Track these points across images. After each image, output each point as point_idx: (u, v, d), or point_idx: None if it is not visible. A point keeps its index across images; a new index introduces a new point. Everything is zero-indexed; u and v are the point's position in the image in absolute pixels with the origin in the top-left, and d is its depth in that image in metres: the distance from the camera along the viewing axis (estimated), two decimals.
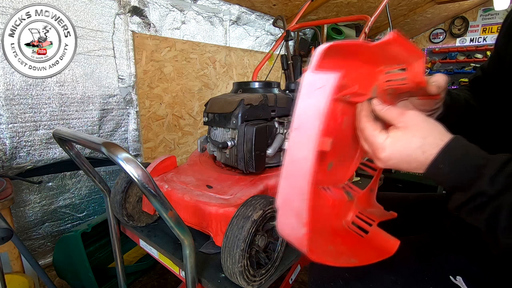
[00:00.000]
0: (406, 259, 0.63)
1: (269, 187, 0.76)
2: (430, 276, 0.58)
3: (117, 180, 0.83)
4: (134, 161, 0.48)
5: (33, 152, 1.39)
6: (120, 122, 1.68)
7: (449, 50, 4.32)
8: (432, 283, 0.57)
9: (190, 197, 0.71)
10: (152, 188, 0.48)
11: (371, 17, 1.07)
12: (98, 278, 1.23)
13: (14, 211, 1.38)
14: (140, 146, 1.80)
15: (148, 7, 1.73)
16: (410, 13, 3.41)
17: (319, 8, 2.59)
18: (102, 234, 1.44)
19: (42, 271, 0.94)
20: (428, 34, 4.44)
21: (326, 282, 0.66)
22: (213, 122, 0.83)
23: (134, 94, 1.70)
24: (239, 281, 0.59)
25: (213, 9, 2.11)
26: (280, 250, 0.68)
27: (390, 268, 0.63)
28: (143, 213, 0.87)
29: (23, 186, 1.40)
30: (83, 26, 1.44)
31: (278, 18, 1.86)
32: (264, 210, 0.60)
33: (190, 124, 2.11)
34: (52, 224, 1.53)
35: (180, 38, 1.94)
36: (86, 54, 1.47)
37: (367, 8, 2.86)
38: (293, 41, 2.96)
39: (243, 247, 0.57)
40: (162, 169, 0.85)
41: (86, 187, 1.61)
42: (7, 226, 0.62)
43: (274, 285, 0.74)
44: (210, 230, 0.68)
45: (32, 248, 1.48)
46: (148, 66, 1.78)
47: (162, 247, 0.78)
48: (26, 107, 1.33)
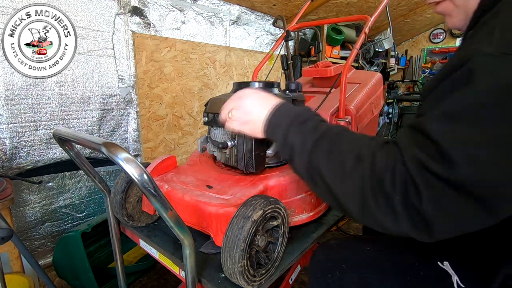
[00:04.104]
0: (398, 248, 0.68)
1: (269, 187, 0.76)
2: (420, 262, 0.63)
3: (117, 180, 0.83)
4: (134, 161, 0.48)
5: (33, 152, 1.39)
6: (120, 122, 1.68)
7: (449, 50, 4.31)
8: (422, 268, 0.62)
9: (190, 197, 0.71)
10: (152, 188, 0.48)
11: (371, 17, 1.07)
12: (98, 278, 1.23)
13: (14, 211, 1.38)
14: (140, 146, 1.80)
15: (148, 7, 1.73)
16: (410, 13, 3.41)
17: (319, 8, 2.59)
18: (102, 234, 1.44)
19: (42, 271, 0.94)
20: (428, 34, 4.44)
21: (324, 274, 0.70)
22: (213, 122, 0.83)
23: (134, 94, 1.70)
24: (239, 281, 0.59)
25: (213, 9, 2.11)
26: (280, 250, 0.68)
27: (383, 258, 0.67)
28: (143, 213, 0.87)
29: (23, 186, 1.40)
30: (83, 26, 1.44)
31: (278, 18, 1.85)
32: (264, 210, 0.60)
33: (190, 124, 2.11)
34: (52, 224, 1.53)
35: (180, 38, 1.94)
36: (86, 54, 1.47)
37: (367, 8, 2.86)
38: (293, 41, 2.96)
39: (243, 247, 0.57)
40: (162, 169, 0.85)
41: (86, 187, 1.61)
42: (7, 226, 0.62)
43: (274, 285, 0.74)
44: (210, 230, 0.68)
45: (32, 248, 1.48)
46: (148, 66, 1.78)
47: (162, 247, 0.78)
48: (26, 107, 1.33)
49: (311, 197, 0.83)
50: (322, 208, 0.89)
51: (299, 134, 0.53)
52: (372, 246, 0.71)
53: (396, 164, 0.42)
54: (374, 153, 0.45)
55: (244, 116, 0.61)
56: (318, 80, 1.26)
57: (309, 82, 1.34)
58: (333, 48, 2.99)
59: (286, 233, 0.70)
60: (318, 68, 1.17)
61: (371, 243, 0.73)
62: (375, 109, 1.20)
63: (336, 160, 0.47)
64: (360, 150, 0.46)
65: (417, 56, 4.56)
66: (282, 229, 0.68)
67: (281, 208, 0.66)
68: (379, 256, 0.68)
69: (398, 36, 4.36)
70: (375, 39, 3.75)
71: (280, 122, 0.56)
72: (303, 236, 0.83)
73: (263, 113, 0.58)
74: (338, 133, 0.51)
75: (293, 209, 0.80)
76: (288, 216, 0.69)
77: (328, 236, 0.85)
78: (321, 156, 0.49)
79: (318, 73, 1.17)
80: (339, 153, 0.47)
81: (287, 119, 0.55)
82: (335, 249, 0.74)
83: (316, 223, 0.89)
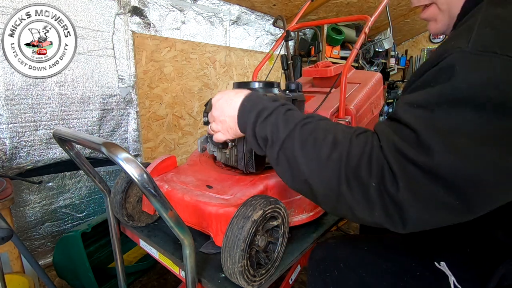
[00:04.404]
0: (395, 248, 0.69)
1: (269, 187, 0.76)
2: (417, 262, 0.64)
3: (117, 180, 0.83)
4: (134, 161, 0.48)
5: (33, 152, 1.39)
6: (120, 122, 1.68)
7: None
8: (419, 269, 0.62)
9: (190, 197, 0.71)
10: (152, 188, 0.48)
11: (371, 17, 1.07)
12: (98, 278, 1.23)
13: (14, 211, 1.38)
14: (140, 146, 1.80)
15: (148, 7, 1.73)
16: (410, 13, 3.41)
17: (319, 8, 2.59)
18: (102, 234, 1.44)
19: (42, 271, 0.94)
20: (428, 34, 4.43)
21: (323, 273, 0.71)
22: None
23: (134, 94, 1.70)
24: (239, 281, 0.59)
25: (213, 9, 2.11)
26: (280, 250, 0.68)
27: (381, 258, 0.67)
28: (143, 213, 0.87)
29: (23, 186, 1.40)
30: (83, 26, 1.44)
31: (278, 18, 1.86)
32: (264, 210, 0.60)
33: (190, 124, 2.11)
34: (52, 224, 1.53)
35: (180, 38, 1.94)
36: (86, 54, 1.47)
37: (367, 8, 2.86)
38: (293, 41, 2.96)
39: (243, 247, 0.57)
40: (162, 169, 0.85)
41: (86, 187, 1.61)
42: (7, 226, 0.62)
43: (274, 285, 0.74)
44: (210, 230, 0.68)
45: (32, 248, 1.48)
46: (148, 66, 1.78)
47: (162, 247, 0.78)
48: (26, 107, 1.33)
49: None
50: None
51: (269, 127, 0.52)
52: (370, 245, 0.71)
53: (373, 150, 0.41)
54: (351, 139, 0.44)
55: (222, 125, 0.61)
56: (318, 80, 1.26)
57: (309, 82, 1.34)
58: (333, 48, 2.99)
59: (286, 233, 0.70)
60: (318, 68, 1.17)
61: (369, 242, 0.73)
62: (375, 109, 1.20)
63: (311, 148, 0.46)
64: (336, 136, 0.46)
65: (417, 56, 4.56)
66: (282, 229, 0.68)
67: (281, 208, 0.66)
68: (377, 256, 0.68)
69: (398, 36, 4.36)
70: (375, 39, 3.75)
71: (246, 120, 0.55)
72: (303, 236, 0.83)
73: (234, 114, 0.58)
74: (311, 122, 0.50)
75: (293, 209, 0.80)
76: (288, 216, 0.69)
77: (328, 236, 0.85)
78: (296, 145, 0.48)
79: (318, 73, 1.17)
80: (314, 140, 0.47)
81: (254, 115, 0.54)
82: (333, 248, 0.74)
83: (316, 223, 0.89)
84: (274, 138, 0.51)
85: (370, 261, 0.68)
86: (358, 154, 0.42)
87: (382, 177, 0.39)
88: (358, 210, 0.42)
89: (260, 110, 0.54)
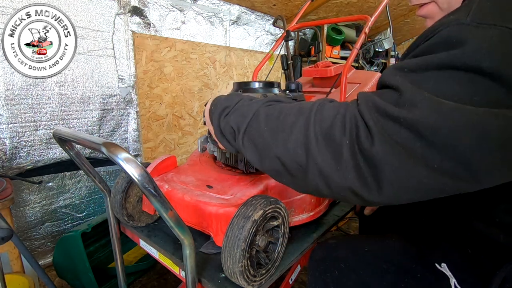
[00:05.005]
0: (396, 249, 0.68)
1: (269, 187, 0.76)
2: (418, 263, 0.63)
3: (117, 180, 0.83)
4: (134, 161, 0.48)
5: (33, 152, 1.39)
6: (120, 122, 1.68)
7: None
8: (420, 270, 0.62)
9: (190, 197, 0.71)
10: (152, 188, 0.48)
11: (371, 17, 1.07)
12: (98, 278, 1.23)
13: (14, 211, 1.38)
14: (140, 146, 1.79)
15: (148, 7, 1.73)
16: (410, 13, 3.40)
17: (319, 8, 2.59)
18: (102, 234, 1.44)
19: (42, 271, 0.93)
20: None
21: (323, 273, 0.71)
22: None
23: (134, 94, 1.70)
24: (239, 281, 0.59)
25: (213, 9, 2.11)
26: (280, 250, 0.68)
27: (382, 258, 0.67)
28: (143, 213, 0.87)
29: (23, 186, 1.40)
30: (83, 26, 1.43)
31: (278, 18, 1.86)
32: (264, 210, 0.60)
33: (190, 124, 2.11)
34: (52, 224, 1.53)
35: (180, 38, 1.94)
36: (86, 54, 1.47)
37: (367, 8, 2.86)
38: (293, 41, 2.96)
39: (243, 247, 0.57)
40: (162, 169, 0.85)
41: (86, 187, 1.61)
42: (7, 226, 0.62)
43: (274, 285, 0.74)
44: (210, 230, 0.68)
45: (32, 248, 1.48)
46: (148, 66, 1.78)
47: (162, 247, 0.78)
48: (26, 107, 1.33)
49: (311, 197, 0.83)
50: (322, 208, 0.89)
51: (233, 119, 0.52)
52: (371, 246, 0.71)
53: (348, 109, 0.40)
54: (323, 103, 0.44)
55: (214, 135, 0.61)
56: (318, 80, 1.26)
57: (309, 82, 1.34)
58: (333, 48, 2.99)
59: (287, 233, 0.70)
60: (318, 68, 1.17)
61: (369, 243, 0.73)
62: None
63: (275, 120, 0.45)
64: (302, 106, 0.45)
65: None
66: (282, 229, 0.68)
67: (282, 208, 0.66)
68: (377, 257, 0.68)
69: (398, 36, 4.36)
70: (375, 39, 3.75)
71: (213, 120, 0.58)
72: (303, 236, 0.83)
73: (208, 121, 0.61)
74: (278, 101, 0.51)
75: (293, 209, 0.80)
76: (288, 216, 0.69)
77: (328, 236, 0.85)
78: (262, 122, 0.47)
79: (318, 73, 1.17)
80: (279, 113, 0.46)
81: (217, 114, 0.56)
82: (333, 248, 0.74)
83: (316, 223, 0.89)
84: (240, 125, 0.51)
85: (371, 261, 0.67)
86: (332, 116, 0.41)
87: (356, 132, 0.38)
88: (330, 176, 0.39)
89: (223, 108, 0.55)
